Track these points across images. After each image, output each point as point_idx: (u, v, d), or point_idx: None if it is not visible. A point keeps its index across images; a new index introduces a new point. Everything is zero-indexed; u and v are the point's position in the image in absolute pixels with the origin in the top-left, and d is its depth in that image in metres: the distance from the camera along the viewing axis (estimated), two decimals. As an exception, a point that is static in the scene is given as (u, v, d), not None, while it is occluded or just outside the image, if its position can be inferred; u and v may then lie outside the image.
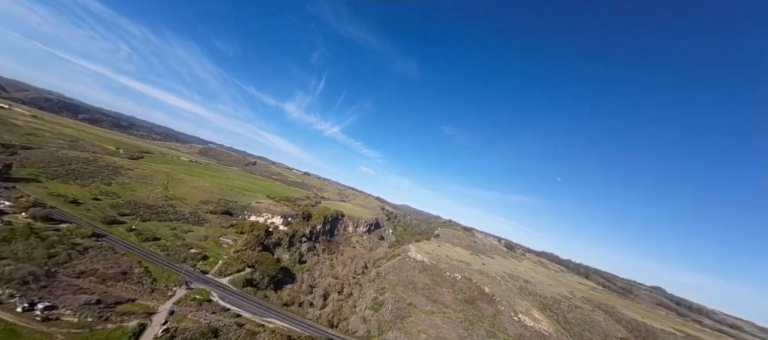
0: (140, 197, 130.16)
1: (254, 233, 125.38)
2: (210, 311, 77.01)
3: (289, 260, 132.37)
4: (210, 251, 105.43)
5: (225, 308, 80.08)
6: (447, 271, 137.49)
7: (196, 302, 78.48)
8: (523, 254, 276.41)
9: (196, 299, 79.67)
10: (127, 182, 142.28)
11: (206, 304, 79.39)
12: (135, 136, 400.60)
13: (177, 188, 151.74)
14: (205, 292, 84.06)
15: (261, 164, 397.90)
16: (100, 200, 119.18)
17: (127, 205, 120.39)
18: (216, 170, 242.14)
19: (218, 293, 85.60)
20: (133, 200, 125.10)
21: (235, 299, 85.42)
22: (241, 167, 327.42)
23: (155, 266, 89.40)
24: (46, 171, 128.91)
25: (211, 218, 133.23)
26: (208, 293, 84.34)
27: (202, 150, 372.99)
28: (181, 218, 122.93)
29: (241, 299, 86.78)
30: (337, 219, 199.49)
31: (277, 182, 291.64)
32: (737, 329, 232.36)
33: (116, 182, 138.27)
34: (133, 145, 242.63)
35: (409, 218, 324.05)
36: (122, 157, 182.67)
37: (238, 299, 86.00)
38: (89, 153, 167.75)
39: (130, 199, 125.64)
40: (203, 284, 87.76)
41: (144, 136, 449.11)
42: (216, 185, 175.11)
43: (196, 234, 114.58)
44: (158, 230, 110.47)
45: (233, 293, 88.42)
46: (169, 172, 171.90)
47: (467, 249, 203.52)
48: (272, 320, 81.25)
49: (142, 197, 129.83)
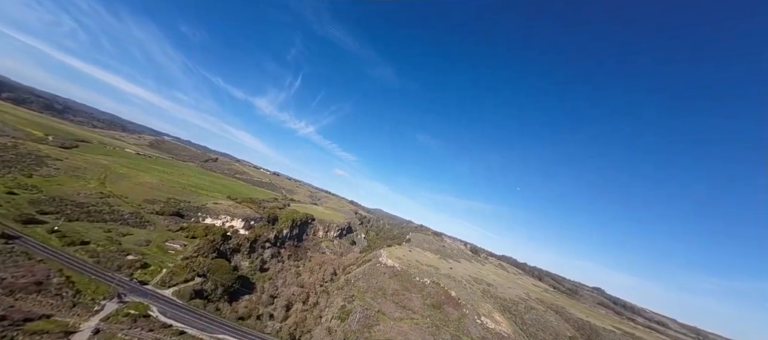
0: (69, 192, 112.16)
1: (208, 238, 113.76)
2: (147, 328, 66.79)
3: (249, 267, 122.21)
4: (152, 258, 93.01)
5: (166, 325, 70.09)
6: (417, 276, 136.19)
7: (129, 319, 67.73)
8: (486, 258, 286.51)
9: (129, 315, 68.85)
10: (53, 174, 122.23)
11: (142, 320, 68.87)
12: (71, 122, 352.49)
13: (116, 184, 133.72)
14: (142, 306, 73.16)
15: (223, 161, 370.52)
16: (16, 194, 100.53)
17: (50, 201, 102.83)
18: (168, 165, 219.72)
19: (159, 306, 75.00)
20: (60, 196, 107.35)
21: (180, 314, 75.41)
22: (199, 163, 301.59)
23: (81, 275, 76.40)
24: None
25: (157, 219, 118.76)
26: (145, 307, 73.50)
27: (154, 142, 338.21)
28: (118, 219, 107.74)
29: (187, 313, 76.87)
30: (307, 223, 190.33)
31: (241, 182, 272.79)
32: (663, 326, 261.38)
33: (39, 173, 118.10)
34: (67, 131, 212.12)
35: (383, 223, 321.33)
36: (51, 145, 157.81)
37: (184, 314, 76.06)
38: (8, 138, 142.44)
39: (55, 194, 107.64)
40: (141, 296, 76.49)
41: (82, 122, 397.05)
42: (166, 181, 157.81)
43: (135, 238, 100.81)
44: (88, 232, 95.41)
45: (178, 306, 78.14)
46: (108, 165, 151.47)
47: (436, 254, 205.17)
48: (223, 336, 72.78)
49: (71, 193, 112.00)
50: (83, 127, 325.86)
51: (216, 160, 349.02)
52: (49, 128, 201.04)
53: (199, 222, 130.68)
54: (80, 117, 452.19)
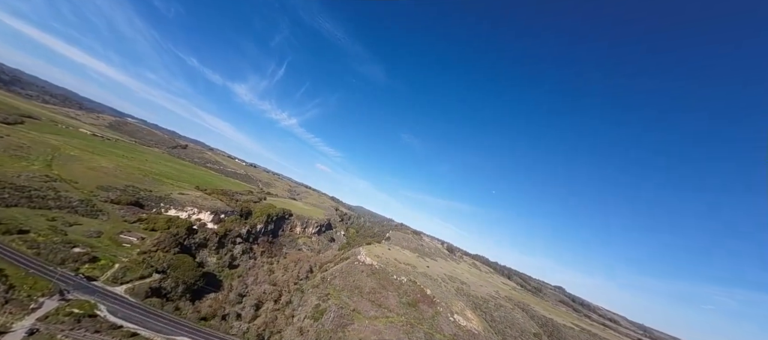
0: (8, 173, 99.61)
1: (171, 231, 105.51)
2: (92, 329, 60.23)
3: (217, 264, 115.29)
4: (103, 252, 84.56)
5: (115, 326, 63.68)
6: (394, 274, 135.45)
7: (72, 318, 60.73)
8: (461, 257, 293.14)
9: (72, 314, 61.76)
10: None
11: (88, 320, 62.07)
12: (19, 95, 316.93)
13: (66, 167, 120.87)
14: (89, 304, 65.99)
15: (194, 149, 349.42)
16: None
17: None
18: (129, 150, 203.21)
19: (108, 305, 68.08)
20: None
21: (133, 314, 68.92)
22: (166, 150, 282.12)
23: (16, 268, 67.82)
24: None
25: (112, 209, 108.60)
26: (92, 305, 66.39)
27: (115, 123, 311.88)
28: (65, 207, 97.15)
29: (141, 313, 70.42)
30: (284, 218, 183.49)
31: (212, 172, 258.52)
32: (615, 323, 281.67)
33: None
34: (12, 105, 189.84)
35: (363, 220, 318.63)
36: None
37: (138, 314, 69.60)
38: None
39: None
40: (87, 293, 69.06)
41: (32, 96, 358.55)
42: (125, 167, 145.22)
43: (85, 228, 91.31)
44: (28, 220, 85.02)
45: (131, 305, 71.41)
46: (57, 145, 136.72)
47: (415, 252, 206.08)
48: (182, 337, 67.37)
49: (11, 174, 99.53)
50: (32, 101, 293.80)
51: (185, 147, 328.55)
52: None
53: (162, 214, 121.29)
54: (30, 90, 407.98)
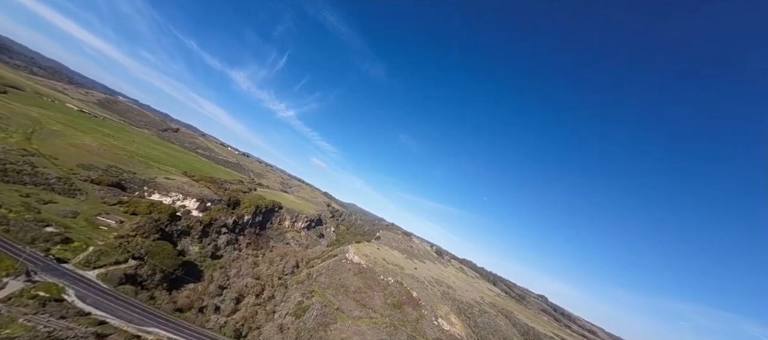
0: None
1: (152, 216, 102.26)
2: (58, 314, 57.29)
3: (199, 253, 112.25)
4: (77, 233, 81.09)
5: (83, 312, 60.75)
6: (381, 274, 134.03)
7: (36, 301, 57.71)
8: (450, 261, 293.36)
9: (37, 297, 58.70)
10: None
11: (54, 304, 59.08)
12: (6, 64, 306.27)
13: (46, 142, 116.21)
14: (56, 287, 62.89)
15: (186, 133, 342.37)
16: None
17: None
18: (116, 129, 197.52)
19: (78, 290, 65.02)
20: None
21: (104, 301, 65.98)
22: (156, 132, 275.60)
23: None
24: None
25: (92, 189, 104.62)
26: (60, 289, 63.30)
27: (105, 101, 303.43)
28: (42, 183, 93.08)
29: (113, 300, 67.49)
30: (273, 211, 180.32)
31: (203, 158, 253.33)
32: (594, 333, 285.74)
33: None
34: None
35: (355, 218, 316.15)
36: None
37: (109, 301, 66.67)
38: None
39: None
40: (56, 276, 65.88)
41: (19, 66, 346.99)
42: (110, 147, 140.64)
43: (60, 207, 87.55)
44: (0, 194, 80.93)
45: (102, 291, 68.39)
46: (39, 118, 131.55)
47: (404, 253, 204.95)
48: (154, 329, 64.71)
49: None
50: (19, 72, 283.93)
51: (177, 130, 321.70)
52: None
53: (144, 197, 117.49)
54: (18, 60, 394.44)
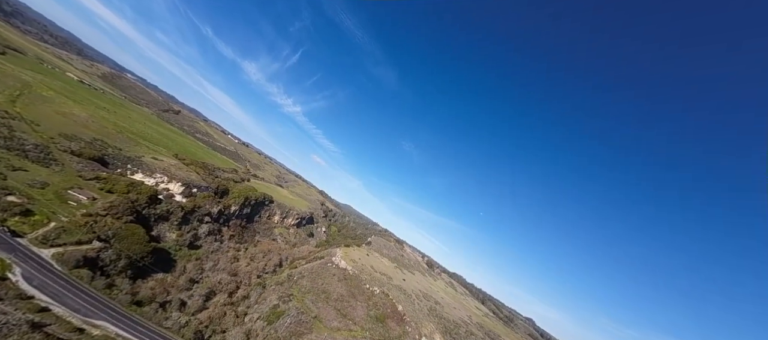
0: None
1: (129, 196, 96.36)
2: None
3: (176, 241, 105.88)
4: (42, 206, 75.14)
5: (25, 295, 54.37)
6: (367, 283, 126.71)
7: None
8: (439, 274, 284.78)
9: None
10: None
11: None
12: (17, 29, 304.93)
13: (32, 107, 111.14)
14: (1, 264, 56.54)
15: (187, 116, 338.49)
16: None
17: None
18: (114, 103, 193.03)
19: (25, 269, 58.72)
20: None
21: (53, 284, 59.59)
22: (156, 111, 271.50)
23: None
24: None
25: (70, 160, 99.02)
26: (6, 266, 57.11)
27: (109, 75, 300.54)
28: (16, 148, 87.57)
29: (63, 285, 61.09)
30: (263, 204, 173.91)
31: (200, 143, 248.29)
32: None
33: None
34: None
35: (348, 220, 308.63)
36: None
37: (58, 285, 60.28)
38: None
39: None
40: (5, 251, 59.81)
41: (30, 32, 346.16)
42: (100, 119, 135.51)
43: (30, 176, 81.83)
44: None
45: (53, 273, 62.05)
46: (30, 82, 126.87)
47: (393, 262, 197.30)
48: (102, 323, 58.09)
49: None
50: (27, 37, 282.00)
51: (178, 112, 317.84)
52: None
53: (126, 176, 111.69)
54: (30, 26, 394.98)
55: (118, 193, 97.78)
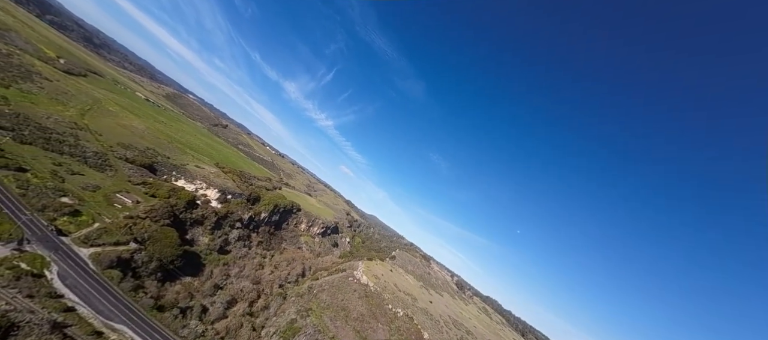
0: (39, 113, 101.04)
1: (169, 201, 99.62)
2: (26, 292, 51.73)
3: (207, 245, 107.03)
4: (90, 208, 79.01)
5: (55, 294, 54.87)
6: (390, 303, 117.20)
7: (13, 273, 52.96)
8: (471, 297, 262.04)
9: (16, 268, 54.10)
10: (34, 91, 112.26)
11: (29, 279, 53.94)
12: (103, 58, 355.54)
13: (98, 120, 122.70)
14: (41, 261, 58.38)
15: (233, 130, 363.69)
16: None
17: (11, 116, 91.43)
18: (170, 118, 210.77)
19: (62, 268, 60.07)
20: (26, 114, 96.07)
21: (83, 284, 60.19)
22: (207, 125, 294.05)
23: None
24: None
25: (123, 166, 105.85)
26: (45, 263, 58.70)
27: (172, 95, 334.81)
28: (78, 155, 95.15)
29: (93, 285, 61.59)
30: (291, 212, 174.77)
31: (241, 153, 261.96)
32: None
33: (19, 87, 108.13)
34: (83, 60, 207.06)
35: (373, 231, 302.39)
36: (53, 67, 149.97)
37: (89, 285, 60.80)
38: (11, 47, 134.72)
39: (22, 111, 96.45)
40: (49, 248, 61.97)
41: (114, 61, 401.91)
42: (155, 131, 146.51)
43: (85, 180, 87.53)
44: (35, 159, 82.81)
45: (87, 273, 63.03)
46: (100, 98, 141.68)
47: (419, 280, 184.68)
48: (121, 327, 56.84)
49: (41, 115, 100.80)
50: (109, 64, 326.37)
51: (226, 127, 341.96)
52: (67, 52, 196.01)
53: (170, 182, 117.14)
54: (114, 56, 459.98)
55: (160, 197, 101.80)
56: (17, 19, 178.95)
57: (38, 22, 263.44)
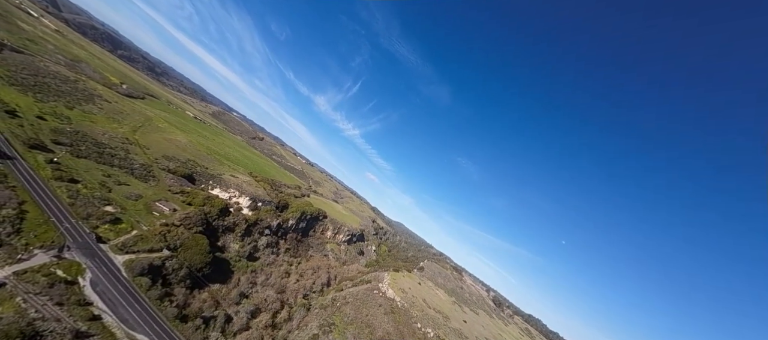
0: (96, 131, 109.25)
1: (204, 209, 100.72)
2: (57, 299, 51.36)
3: (237, 252, 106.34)
4: (130, 215, 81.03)
5: (84, 302, 54.19)
6: (418, 321, 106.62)
7: (47, 280, 53.16)
8: (511, 317, 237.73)
9: (52, 275, 54.45)
10: (94, 112, 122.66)
11: (62, 287, 53.90)
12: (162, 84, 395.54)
13: (147, 135, 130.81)
14: (76, 268, 58.76)
15: (269, 142, 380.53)
16: (45, 120, 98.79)
17: (72, 134, 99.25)
18: (213, 132, 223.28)
19: (95, 275, 60.08)
20: (84, 132, 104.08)
21: (113, 291, 59.52)
22: (246, 138, 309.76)
23: (41, 212, 65.81)
24: (12, 75, 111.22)
25: (165, 177, 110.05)
26: (79, 271, 59.00)
27: (217, 112, 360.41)
28: (126, 167, 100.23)
29: (123, 292, 60.82)
30: (317, 219, 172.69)
31: (273, 163, 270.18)
32: None
33: (81, 108, 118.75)
34: (142, 85, 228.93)
35: (399, 239, 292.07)
36: (116, 91, 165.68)
37: (118, 293, 60.06)
38: (80, 75, 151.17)
39: (81, 129, 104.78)
40: (86, 255, 62.74)
41: (172, 86, 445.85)
42: (196, 144, 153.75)
43: (130, 189, 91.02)
44: (87, 171, 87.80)
45: (118, 280, 62.68)
46: (151, 116, 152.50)
47: (451, 295, 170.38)
48: (142, 338, 54.50)
49: (98, 132, 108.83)
50: (166, 88, 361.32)
51: (262, 139, 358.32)
52: (130, 80, 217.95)
53: (206, 190, 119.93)
54: (172, 82, 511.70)
55: (195, 205, 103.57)
56: (89, 53, 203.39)
57: (109, 55, 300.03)
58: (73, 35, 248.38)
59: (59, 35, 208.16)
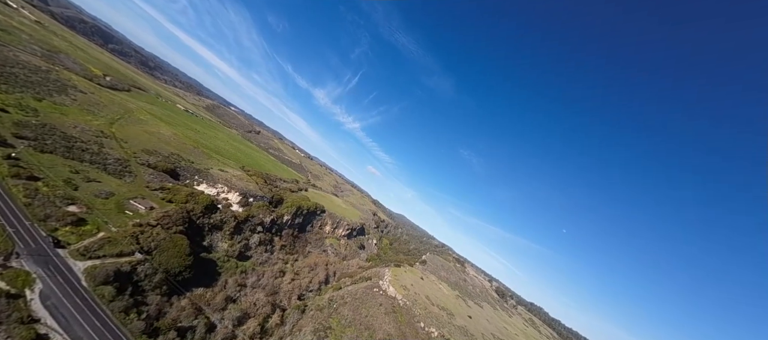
0: (65, 123, 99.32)
1: (186, 206, 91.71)
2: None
3: (226, 251, 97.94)
4: (97, 216, 71.97)
5: (31, 318, 45.59)
6: (421, 320, 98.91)
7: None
8: (515, 307, 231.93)
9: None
10: (67, 103, 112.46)
11: (3, 302, 45.16)
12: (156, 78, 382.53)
13: (126, 128, 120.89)
14: (24, 279, 49.96)
15: (266, 135, 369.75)
16: (8, 112, 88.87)
17: (37, 127, 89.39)
18: (204, 125, 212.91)
19: (47, 286, 51.31)
20: (52, 125, 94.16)
21: (68, 305, 50.90)
22: (241, 132, 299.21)
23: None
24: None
25: (144, 172, 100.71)
26: (27, 281, 50.20)
27: (211, 106, 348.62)
28: (98, 162, 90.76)
29: (79, 306, 52.20)
30: (315, 214, 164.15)
31: (270, 157, 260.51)
32: None
33: (52, 100, 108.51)
34: (129, 77, 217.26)
35: (401, 231, 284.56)
36: (97, 83, 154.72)
37: (73, 307, 51.44)
38: (55, 66, 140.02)
39: (49, 122, 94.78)
40: (39, 264, 53.89)
41: (166, 80, 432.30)
42: (183, 137, 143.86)
43: (100, 187, 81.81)
44: (52, 168, 78.40)
45: (76, 291, 54.00)
46: (133, 108, 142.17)
47: (454, 289, 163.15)
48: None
49: (67, 125, 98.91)
50: (159, 82, 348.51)
51: (259, 132, 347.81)
52: (116, 72, 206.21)
53: (191, 186, 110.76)
54: (166, 76, 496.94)
55: (177, 203, 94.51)
56: (71, 45, 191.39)
57: (97, 48, 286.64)
58: (55, 27, 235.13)
59: (39, 26, 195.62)
